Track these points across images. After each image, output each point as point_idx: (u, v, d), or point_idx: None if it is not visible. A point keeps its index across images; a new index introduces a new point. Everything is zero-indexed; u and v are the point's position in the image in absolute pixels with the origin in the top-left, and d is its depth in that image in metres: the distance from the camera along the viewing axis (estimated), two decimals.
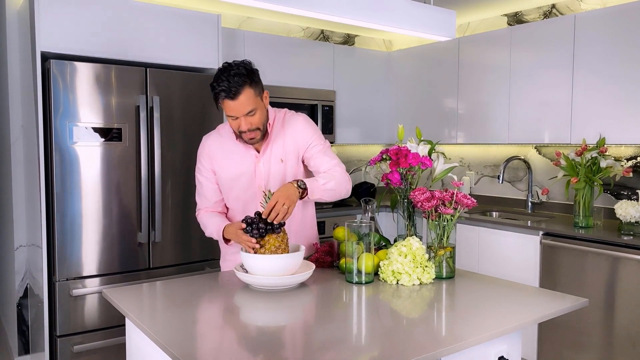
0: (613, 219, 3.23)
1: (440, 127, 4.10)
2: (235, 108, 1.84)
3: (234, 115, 1.87)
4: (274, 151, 2.03)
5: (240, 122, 1.88)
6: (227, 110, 1.86)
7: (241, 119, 1.87)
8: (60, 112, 2.66)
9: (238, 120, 1.88)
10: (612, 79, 3.10)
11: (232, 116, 1.88)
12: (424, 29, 2.41)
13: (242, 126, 1.88)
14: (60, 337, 2.71)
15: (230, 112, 1.86)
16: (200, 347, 1.30)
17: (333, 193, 1.98)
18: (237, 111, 1.85)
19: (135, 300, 1.68)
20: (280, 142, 2.03)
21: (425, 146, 2.12)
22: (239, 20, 4.05)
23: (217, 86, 1.83)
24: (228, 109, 1.86)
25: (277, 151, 2.03)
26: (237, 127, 1.90)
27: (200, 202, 2.13)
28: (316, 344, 1.34)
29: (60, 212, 2.68)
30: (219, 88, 1.82)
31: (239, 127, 1.89)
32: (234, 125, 1.91)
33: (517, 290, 1.81)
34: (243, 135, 1.92)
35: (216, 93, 1.84)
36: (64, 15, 2.72)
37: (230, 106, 1.84)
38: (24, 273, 3.25)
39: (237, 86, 1.81)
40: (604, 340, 2.86)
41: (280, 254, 1.77)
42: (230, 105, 1.84)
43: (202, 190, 2.11)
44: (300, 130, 2.04)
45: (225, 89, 1.81)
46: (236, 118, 1.87)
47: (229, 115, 1.88)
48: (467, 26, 4.28)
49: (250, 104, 1.85)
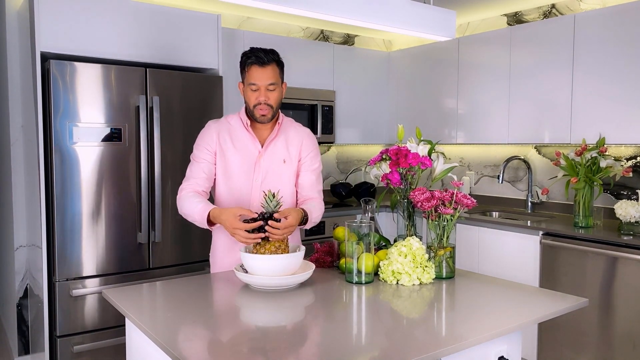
0: (613, 219, 3.23)
1: (440, 127, 4.10)
2: (261, 76, 1.94)
3: (257, 84, 1.95)
4: (277, 150, 2.07)
5: (260, 92, 1.96)
6: (253, 77, 1.95)
7: (262, 90, 1.96)
8: (60, 113, 2.66)
9: (258, 91, 1.96)
10: (612, 79, 3.10)
11: (254, 84, 1.95)
12: (424, 29, 2.41)
13: (260, 97, 1.96)
14: (60, 337, 2.71)
15: (255, 80, 1.95)
16: (200, 347, 1.30)
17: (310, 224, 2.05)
18: (261, 79, 1.94)
19: (135, 301, 1.68)
20: (284, 144, 2.08)
21: (425, 146, 2.12)
22: (239, 20, 4.06)
23: (250, 53, 1.95)
24: (254, 76, 1.94)
25: (280, 151, 2.07)
26: (256, 97, 1.97)
27: (188, 180, 2.05)
28: (316, 344, 1.34)
29: (60, 212, 2.68)
30: (252, 54, 1.94)
31: (258, 97, 1.96)
32: (252, 97, 1.98)
33: (517, 290, 1.81)
34: (257, 108, 1.98)
35: (248, 58, 1.95)
36: (64, 15, 2.72)
37: (258, 73, 1.94)
38: (24, 273, 3.25)
39: (268, 58, 1.95)
40: (604, 340, 2.87)
41: (280, 254, 1.77)
42: (258, 71, 1.94)
43: (196, 168, 2.04)
44: (307, 141, 2.13)
45: (259, 56, 1.93)
46: (257, 89, 1.96)
47: (252, 84, 1.95)
48: (467, 26, 4.29)
49: (273, 77, 1.97)
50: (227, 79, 3.55)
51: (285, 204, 2.02)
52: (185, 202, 1.98)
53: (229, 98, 3.56)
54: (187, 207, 1.97)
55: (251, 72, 1.94)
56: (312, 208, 2.01)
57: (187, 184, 2.04)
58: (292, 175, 2.10)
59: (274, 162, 2.06)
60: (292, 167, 2.09)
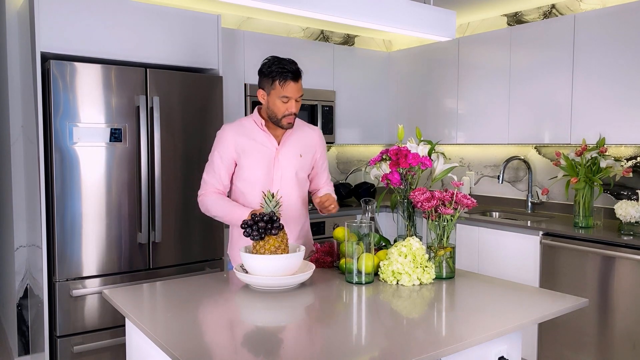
0: (613, 219, 3.23)
1: (440, 127, 4.10)
2: (294, 90, 2.09)
3: (290, 97, 2.08)
4: (293, 146, 2.22)
5: (291, 104, 2.10)
6: (287, 91, 2.07)
7: (292, 101, 2.10)
8: (60, 113, 2.66)
9: (290, 103, 2.09)
10: (611, 79, 3.10)
11: (287, 97, 2.08)
12: (424, 29, 2.41)
13: (292, 107, 2.10)
14: (60, 337, 2.71)
15: (289, 93, 2.08)
16: (200, 347, 1.30)
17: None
18: (294, 92, 2.09)
19: (136, 301, 1.68)
20: (299, 140, 2.24)
21: (425, 146, 2.12)
22: (239, 21, 4.06)
23: (286, 67, 2.06)
24: (288, 90, 2.07)
25: (296, 146, 2.23)
26: (286, 109, 2.10)
27: (210, 183, 2.20)
28: (316, 344, 1.34)
29: (60, 213, 2.68)
30: (288, 68, 2.06)
31: (289, 108, 2.10)
32: (282, 108, 2.10)
33: (517, 290, 1.81)
34: (285, 118, 2.11)
35: (284, 73, 2.06)
36: (64, 16, 2.72)
37: (292, 87, 2.08)
38: (24, 273, 3.25)
39: (299, 72, 2.10)
40: (604, 340, 2.87)
41: (280, 254, 1.77)
42: (292, 86, 2.08)
43: (217, 170, 2.19)
44: (318, 140, 2.32)
45: (293, 70, 2.07)
46: (288, 101, 2.09)
47: (284, 96, 2.07)
48: (467, 26, 4.29)
49: (301, 90, 2.13)
50: (227, 79, 3.55)
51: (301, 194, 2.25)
52: (216, 204, 2.15)
53: (229, 98, 3.56)
54: (220, 209, 2.14)
55: (287, 87, 2.07)
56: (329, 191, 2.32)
57: (208, 188, 2.20)
58: (308, 169, 2.29)
59: (292, 157, 2.21)
60: (308, 162, 2.28)
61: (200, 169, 2.54)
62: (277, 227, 1.78)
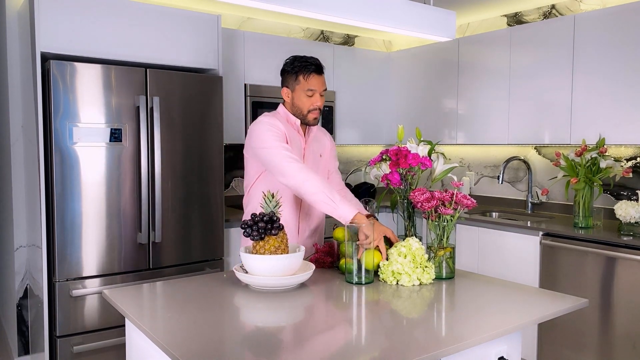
0: (613, 220, 3.23)
1: (440, 128, 4.10)
2: (319, 82, 2.12)
3: (315, 89, 2.11)
4: (315, 146, 2.28)
5: (316, 97, 2.12)
6: (312, 84, 2.10)
7: (317, 95, 2.12)
8: (60, 113, 2.66)
9: (315, 97, 2.12)
10: (611, 80, 3.10)
11: (312, 90, 2.11)
12: (423, 30, 2.41)
13: (317, 101, 2.13)
14: (60, 337, 2.71)
15: (314, 86, 2.11)
16: (200, 347, 1.30)
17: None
18: (319, 85, 2.12)
19: (135, 301, 1.68)
20: (318, 140, 2.30)
21: (425, 146, 2.12)
22: (239, 21, 4.06)
23: (310, 61, 2.10)
24: (312, 82, 2.10)
25: (317, 147, 2.29)
26: (312, 103, 2.12)
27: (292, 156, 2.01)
28: (316, 345, 1.34)
29: (60, 213, 2.68)
30: (312, 62, 2.10)
31: (314, 102, 2.12)
32: (308, 102, 2.12)
33: (517, 290, 1.81)
34: (311, 113, 2.14)
35: (307, 66, 2.09)
36: (64, 16, 2.72)
37: (316, 80, 2.11)
38: (24, 273, 3.25)
39: (322, 66, 2.14)
40: (604, 341, 2.87)
41: (280, 254, 1.77)
42: (316, 79, 2.11)
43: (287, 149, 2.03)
44: (331, 142, 2.38)
45: (317, 64, 2.11)
46: (313, 94, 2.11)
47: (311, 89, 2.10)
48: (467, 26, 4.29)
49: (324, 85, 2.15)
50: (227, 79, 3.55)
51: None
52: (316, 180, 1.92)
53: (229, 98, 3.56)
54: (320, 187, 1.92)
55: (311, 80, 2.10)
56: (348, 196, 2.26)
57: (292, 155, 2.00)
58: (326, 169, 2.33)
59: (315, 156, 2.26)
60: (326, 161, 2.33)
61: (200, 168, 2.57)
62: (277, 227, 1.78)
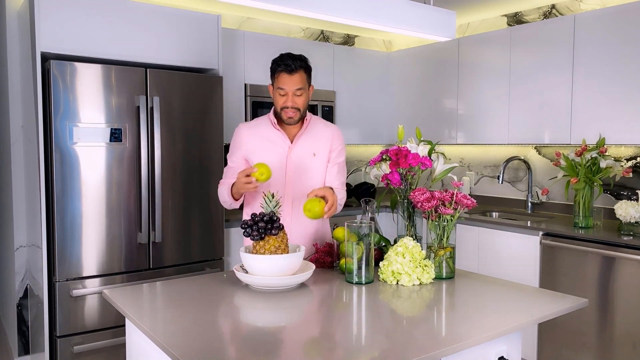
0: (613, 219, 3.23)
1: (440, 128, 4.10)
2: (289, 82, 2.09)
3: (285, 89, 2.09)
4: (307, 144, 2.21)
5: (287, 97, 2.10)
6: (281, 83, 2.09)
7: (289, 95, 2.10)
8: (60, 113, 2.66)
9: (286, 96, 2.10)
10: (611, 79, 3.10)
11: (283, 89, 2.10)
12: (424, 29, 2.41)
13: (287, 101, 2.10)
14: (60, 337, 2.71)
15: (284, 85, 2.09)
16: (200, 347, 1.30)
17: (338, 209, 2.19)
18: (289, 85, 2.09)
19: (135, 301, 1.68)
20: (314, 139, 2.23)
21: (425, 146, 2.12)
22: (239, 21, 4.06)
23: (280, 61, 2.09)
24: (282, 82, 2.09)
25: (310, 145, 2.22)
26: (283, 102, 2.11)
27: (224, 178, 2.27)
28: (316, 345, 1.34)
29: (60, 213, 2.68)
30: (282, 62, 2.08)
31: (285, 102, 2.11)
32: (280, 101, 2.12)
33: (517, 290, 1.81)
34: (284, 112, 2.13)
35: (277, 66, 2.09)
36: (64, 16, 2.72)
37: (285, 80, 2.09)
38: (24, 273, 3.25)
39: (296, 65, 2.09)
40: (604, 341, 2.87)
41: (280, 254, 1.77)
42: (286, 79, 2.08)
43: (228, 170, 2.26)
44: (336, 135, 2.29)
45: (287, 64, 2.08)
46: (285, 94, 2.10)
47: (280, 88, 2.10)
48: (467, 26, 4.29)
49: (300, 83, 2.10)
50: (227, 79, 3.55)
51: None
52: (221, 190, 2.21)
53: (229, 98, 3.56)
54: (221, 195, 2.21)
55: (280, 79, 2.09)
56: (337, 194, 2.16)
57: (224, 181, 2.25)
58: (323, 168, 2.25)
59: (304, 156, 2.20)
60: (323, 160, 2.24)
61: (200, 168, 2.57)
62: (277, 227, 1.78)
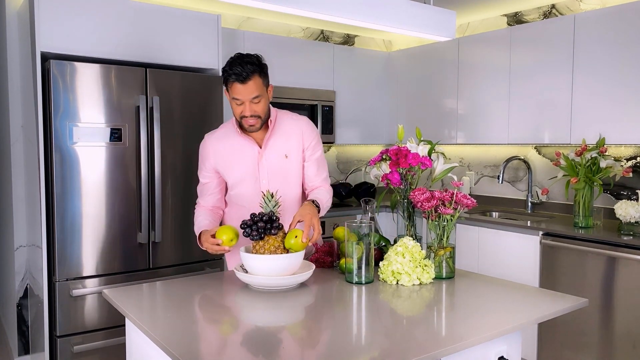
0: (613, 219, 3.23)
1: (440, 127, 4.10)
2: (243, 92, 1.92)
3: (240, 99, 1.94)
4: (277, 147, 2.08)
5: (245, 106, 1.95)
6: (235, 93, 1.93)
7: (246, 104, 1.94)
8: (60, 113, 2.66)
9: (243, 105, 1.95)
10: (611, 79, 3.10)
11: (238, 99, 1.94)
12: (424, 29, 2.41)
13: (245, 111, 1.95)
14: (60, 337, 2.71)
15: (238, 95, 1.93)
16: (200, 347, 1.30)
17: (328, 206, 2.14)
18: (244, 95, 1.93)
19: (135, 301, 1.68)
20: (283, 139, 2.09)
21: (425, 146, 2.12)
22: (239, 21, 4.06)
23: (229, 70, 1.92)
24: (236, 92, 1.93)
25: (280, 147, 2.08)
26: (241, 111, 1.97)
27: (200, 197, 2.21)
28: (316, 344, 1.34)
29: (60, 213, 2.68)
30: (232, 71, 1.91)
31: (242, 111, 1.96)
32: (237, 110, 1.98)
33: (517, 290, 1.81)
34: (244, 120, 1.98)
35: (228, 76, 1.92)
36: (64, 16, 2.72)
37: (239, 89, 1.92)
38: (24, 273, 3.25)
39: (248, 72, 1.90)
40: (604, 341, 2.87)
41: (280, 254, 1.77)
42: (239, 88, 1.92)
43: (202, 187, 2.19)
44: (306, 131, 2.12)
45: (237, 72, 1.90)
46: (241, 103, 1.95)
47: (235, 99, 1.94)
48: (467, 26, 4.29)
49: (256, 91, 1.93)
50: None
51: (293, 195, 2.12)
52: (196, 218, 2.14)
53: None
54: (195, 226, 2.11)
55: (234, 89, 1.93)
56: (320, 196, 2.07)
57: (200, 201, 2.19)
58: (298, 168, 2.12)
59: (276, 159, 2.08)
60: (297, 160, 2.11)
61: None
62: (277, 227, 1.78)
